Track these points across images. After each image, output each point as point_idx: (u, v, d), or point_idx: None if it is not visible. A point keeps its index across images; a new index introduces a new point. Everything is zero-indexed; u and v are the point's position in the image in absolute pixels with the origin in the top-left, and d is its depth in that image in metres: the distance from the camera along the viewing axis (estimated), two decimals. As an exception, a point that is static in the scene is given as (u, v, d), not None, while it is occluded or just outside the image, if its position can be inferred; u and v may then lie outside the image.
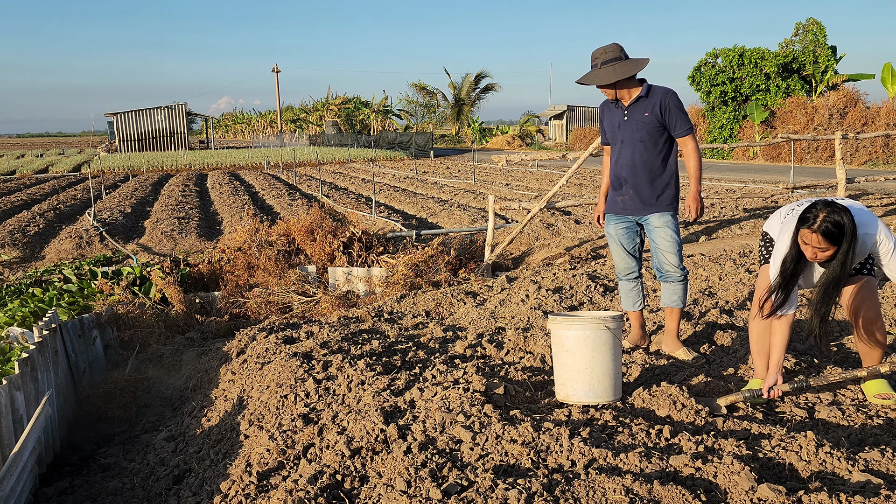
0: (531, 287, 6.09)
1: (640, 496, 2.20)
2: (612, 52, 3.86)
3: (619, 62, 3.84)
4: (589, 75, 3.95)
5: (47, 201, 17.80)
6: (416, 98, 59.63)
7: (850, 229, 2.89)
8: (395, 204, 16.30)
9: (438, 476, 2.45)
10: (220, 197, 18.65)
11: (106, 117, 47.75)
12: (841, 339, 4.24)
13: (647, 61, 3.87)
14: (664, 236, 3.98)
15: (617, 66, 3.83)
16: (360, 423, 2.96)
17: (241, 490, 2.70)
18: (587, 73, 3.97)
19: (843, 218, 2.89)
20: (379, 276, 7.27)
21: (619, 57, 3.85)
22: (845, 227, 2.89)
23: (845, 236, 2.90)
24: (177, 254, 9.94)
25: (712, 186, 15.32)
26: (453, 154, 41.57)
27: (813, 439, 2.57)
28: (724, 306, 5.03)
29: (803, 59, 27.97)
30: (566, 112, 50.92)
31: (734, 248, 7.53)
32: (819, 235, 2.91)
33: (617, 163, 4.07)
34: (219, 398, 4.29)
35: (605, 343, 3.19)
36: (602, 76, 3.86)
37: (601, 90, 3.97)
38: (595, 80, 3.90)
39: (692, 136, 3.94)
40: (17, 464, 3.07)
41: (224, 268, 7.70)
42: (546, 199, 8.33)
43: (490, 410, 2.95)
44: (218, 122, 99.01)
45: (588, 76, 3.95)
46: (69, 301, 6.42)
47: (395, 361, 4.00)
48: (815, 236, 2.93)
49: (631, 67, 3.83)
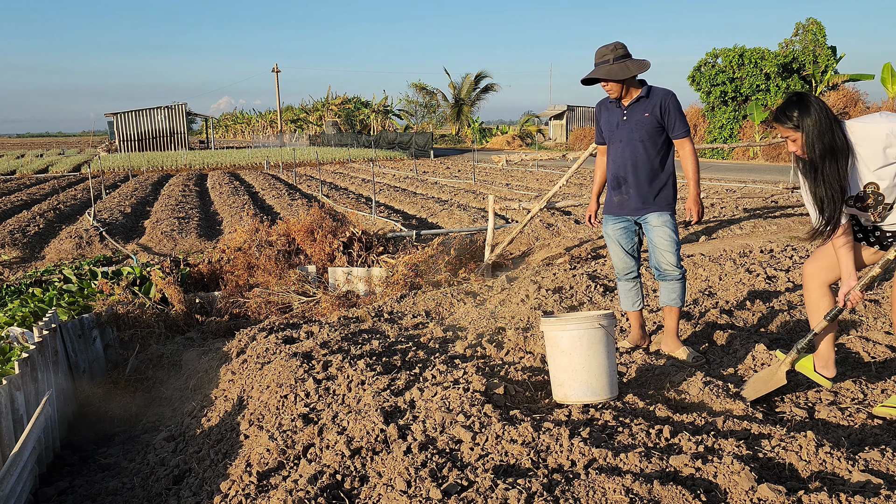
0: (531, 287, 6.09)
1: (640, 496, 2.20)
2: (621, 48, 3.86)
3: (630, 59, 3.85)
4: (601, 70, 3.87)
5: (47, 201, 17.79)
6: (416, 98, 59.70)
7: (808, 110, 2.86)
8: (395, 204, 16.30)
9: (438, 476, 2.45)
10: (220, 197, 18.65)
11: (106, 117, 47.75)
12: (839, 339, 4.24)
13: (649, 63, 3.91)
14: (662, 235, 3.99)
15: (629, 62, 3.84)
16: (360, 423, 2.96)
17: (241, 490, 2.70)
18: (598, 68, 3.90)
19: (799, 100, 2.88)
20: (379, 276, 7.27)
21: (628, 55, 3.87)
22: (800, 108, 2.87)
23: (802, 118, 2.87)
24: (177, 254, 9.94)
25: (712, 186, 15.32)
26: (453, 154, 41.56)
27: (813, 439, 2.57)
28: (723, 306, 5.03)
29: (803, 59, 27.98)
30: (566, 112, 50.93)
31: (734, 248, 7.53)
32: (778, 125, 2.96)
33: (615, 162, 4.07)
34: (219, 398, 4.29)
35: (600, 341, 3.20)
36: (618, 71, 3.83)
37: (606, 89, 3.96)
38: (611, 74, 3.84)
39: (689, 138, 3.97)
40: (17, 464, 3.07)
41: (224, 268, 7.70)
42: (546, 199, 8.33)
43: (490, 410, 2.95)
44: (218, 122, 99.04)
45: (601, 71, 3.88)
46: (69, 301, 6.42)
47: (395, 361, 4.00)
48: (777, 126, 2.97)
49: (641, 65, 3.86)
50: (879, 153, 2.89)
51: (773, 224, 9.23)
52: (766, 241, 7.77)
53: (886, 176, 2.94)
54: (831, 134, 2.87)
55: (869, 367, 3.73)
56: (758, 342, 4.08)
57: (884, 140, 2.87)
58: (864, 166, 2.94)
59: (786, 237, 8.12)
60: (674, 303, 4.04)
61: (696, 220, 4.04)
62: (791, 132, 2.92)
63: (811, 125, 2.87)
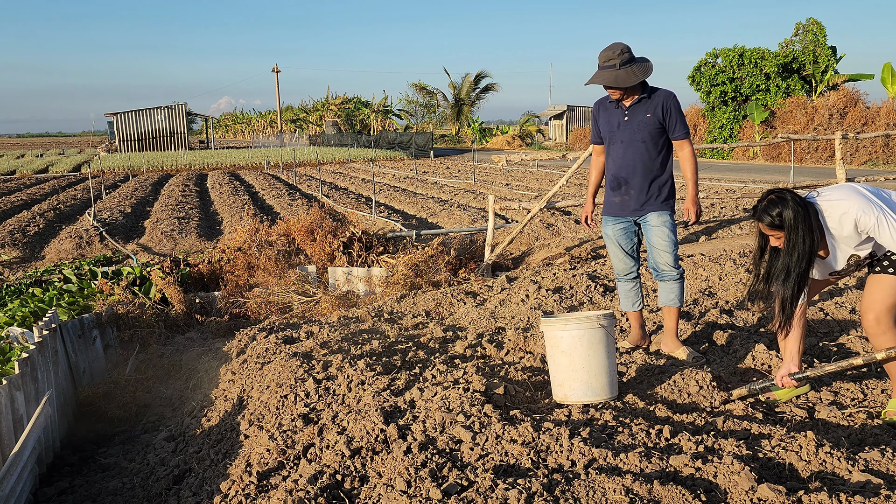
0: (531, 287, 6.09)
1: (640, 496, 2.20)
2: (626, 52, 3.83)
3: (635, 64, 3.83)
4: (608, 76, 3.82)
5: (47, 201, 17.79)
6: (416, 98, 59.69)
7: (791, 214, 2.89)
8: (395, 204, 16.29)
9: (438, 476, 2.45)
10: (220, 197, 18.65)
11: (106, 117, 47.76)
12: (839, 339, 4.23)
13: (653, 66, 3.91)
14: (660, 235, 3.99)
15: (635, 67, 3.82)
16: (360, 423, 2.96)
17: (241, 490, 2.70)
18: (602, 73, 3.85)
19: (781, 202, 2.91)
20: (379, 276, 7.27)
21: (633, 58, 3.85)
22: (783, 212, 2.91)
23: (785, 221, 2.91)
24: (177, 254, 9.94)
25: (712, 186, 15.31)
26: (453, 154, 41.56)
27: (813, 439, 2.57)
28: (723, 306, 5.03)
29: (803, 59, 27.98)
30: (566, 112, 50.94)
31: (734, 248, 7.53)
32: (760, 223, 3.00)
33: (616, 163, 4.07)
34: (219, 398, 4.29)
35: (600, 341, 3.20)
36: (624, 78, 3.80)
37: (609, 91, 3.95)
38: (618, 81, 3.80)
39: (689, 140, 3.99)
40: (17, 464, 3.07)
41: (224, 268, 7.69)
42: (546, 199, 8.32)
43: (490, 410, 2.95)
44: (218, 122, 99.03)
45: (608, 77, 3.83)
46: (69, 301, 6.42)
47: (395, 361, 4.00)
48: (759, 224, 3.01)
49: (647, 69, 3.85)
50: (854, 234, 2.95)
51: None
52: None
53: (867, 247, 3.02)
54: (811, 234, 2.92)
55: (869, 366, 3.73)
56: (758, 342, 4.08)
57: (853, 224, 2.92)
58: (844, 244, 3.01)
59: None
60: (672, 303, 4.04)
61: (693, 220, 4.07)
62: (774, 231, 2.97)
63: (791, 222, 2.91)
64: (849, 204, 2.91)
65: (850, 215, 2.91)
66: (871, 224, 2.88)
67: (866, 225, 2.89)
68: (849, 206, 2.91)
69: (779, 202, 2.93)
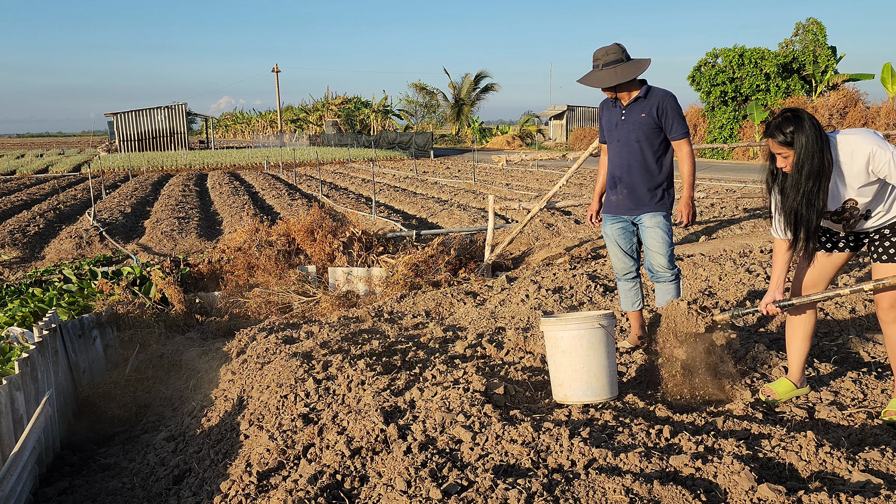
0: (531, 287, 6.09)
1: (640, 496, 2.20)
2: (613, 53, 3.84)
3: (620, 65, 3.83)
4: (590, 77, 3.94)
5: (47, 201, 17.79)
6: (416, 98, 59.68)
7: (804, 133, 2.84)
8: (395, 204, 16.29)
9: (438, 476, 2.45)
10: (220, 197, 18.64)
11: (106, 117, 47.76)
12: (839, 339, 4.24)
13: (648, 62, 3.86)
14: (654, 236, 3.99)
15: (618, 68, 3.82)
16: (360, 423, 2.96)
17: (241, 490, 2.70)
18: (588, 73, 3.96)
19: (796, 121, 2.86)
20: (379, 276, 7.27)
21: (621, 59, 3.84)
22: (797, 129, 2.85)
23: (796, 139, 2.85)
24: (177, 254, 9.94)
25: (712, 186, 15.31)
26: (453, 154, 41.56)
27: (813, 439, 2.57)
28: (724, 306, 5.02)
29: (803, 59, 27.98)
30: (566, 112, 50.93)
31: (734, 248, 7.53)
32: (771, 140, 2.93)
33: (612, 162, 4.08)
34: (219, 398, 4.29)
35: (600, 341, 3.20)
36: (604, 78, 3.86)
37: (602, 90, 3.98)
38: (596, 82, 3.89)
39: (687, 140, 3.94)
40: (17, 464, 3.07)
41: (224, 268, 7.70)
42: (546, 199, 8.32)
43: (490, 410, 2.95)
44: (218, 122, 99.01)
45: (589, 78, 3.95)
46: (69, 301, 6.42)
47: (395, 361, 4.00)
48: (769, 141, 2.94)
49: (632, 70, 3.82)
50: (863, 171, 2.90)
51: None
52: (766, 240, 7.77)
53: (868, 193, 2.96)
54: (821, 155, 2.86)
55: (869, 366, 3.73)
56: (758, 342, 4.08)
57: (867, 158, 2.87)
58: (847, 184, 2.96)
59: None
60: (670, 304, 4.04)
61: (685, 223, 4.02)
62: (784, 149, 2.91)
63: (803, 144, 2.85)
64: (865, 140, 2.88)
65: (865, 150, 2.86)
66: (886, 160, 2.83)
67: (881, 161, 2.84)
68: (865, 142, 2.87)
69: (794, 119, 2.88)
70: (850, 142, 2.90)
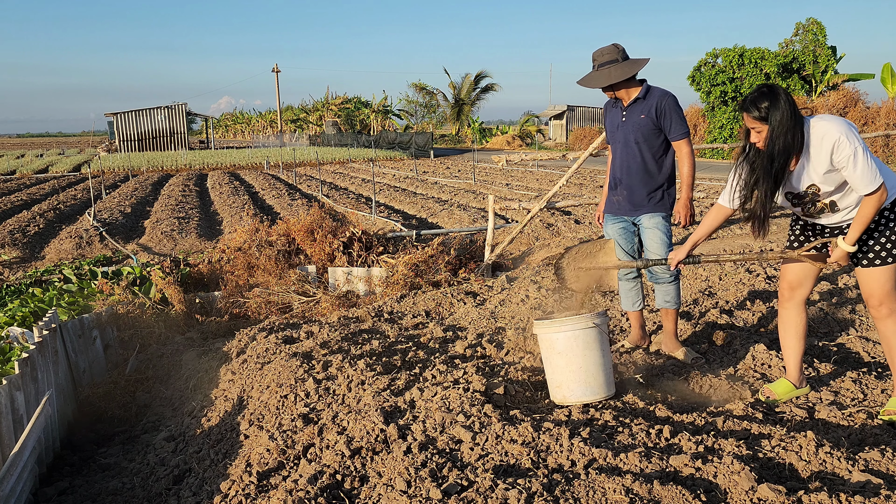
0: (531, 287, 6.09)
1: (640, 496, 2.20)
2: (609, 54, 3.85)
3: (615, 65, 3.83)
4: (586, 77, 3.97)
5: (47, 201, 17.79)
6: (416, 98, 59.68)
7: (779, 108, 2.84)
8: (395, 204, 16.29)
9: (438, 476, 2.45)
10: (220, 197, 18.64)
11: (106, 117, 47.75)
12: (839, 339, 4.24)
13: (646, 61, 3.86)
14: (653, 237, 3.99)
15: (612, 68, 3.83)
16: (360, 423, 2.96)
17: (241, 490, 2.70)
18: (586, 74, 3.99)
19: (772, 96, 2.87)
20: (379, 276, 7.27)
21: (616, 59, 3.84)
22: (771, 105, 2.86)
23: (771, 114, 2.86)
24: (177, 254, 9.94)
25: (712, 186, 15.30)
26: (453, 154, 41.56)
27: (813, 439, 2.57)
28: (723, 306, 5.03)
29: (803, 59, 27.98)
30: (566, 112, 50.92)
31: (734, 248, 7.53)
32: (746, 114, 2.94)
33: (614, 163, 4.09)
34: (219, 398, 4.28)
35: (595, 340, 3.21)
36: (598, 79, 3.87)
37: (603, 90, 3.98)
38: (591, 82, 3.91)
39: (687, 140, 3.93)
40: (17, 464, 3.07)
41: (224, 268, 7.69)
42: (546, 199, 8.32)
43: (490, 410, 2.95)
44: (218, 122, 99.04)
45: (585, 78, 3.97)
46: (69, 301, 6.42)
47: (395, 361, 4.00)
48: (745, 115, 2.95)
49: (627, 70, 3.81)
50: (826, 158, 2.90)
51: (773, 224, 9.23)
52: (765, 240, 7.77)
53: (831, 182, 2.96)
54: (794, 132, 2.87)
55: (869, 366, 3.73)
56: (758, 342, 4.08)
57: (833, 146, 2.87)
58: (812, 168, 2.96)
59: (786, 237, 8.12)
60: (669, 305, 4.05)
61: (683, 224, 4.02)
62: (758, 123, 2.92)
63: (778, 119, 2.86)
64: (835, 128, 2.87)
65: (832, 136, 2.86)
66: (847, 154, 2.84)
67: (842, 153, 2.85)
68: (834, 130, 2.87)
69: (769, 95, 2.89)
70: (822, 126, 2.90)
